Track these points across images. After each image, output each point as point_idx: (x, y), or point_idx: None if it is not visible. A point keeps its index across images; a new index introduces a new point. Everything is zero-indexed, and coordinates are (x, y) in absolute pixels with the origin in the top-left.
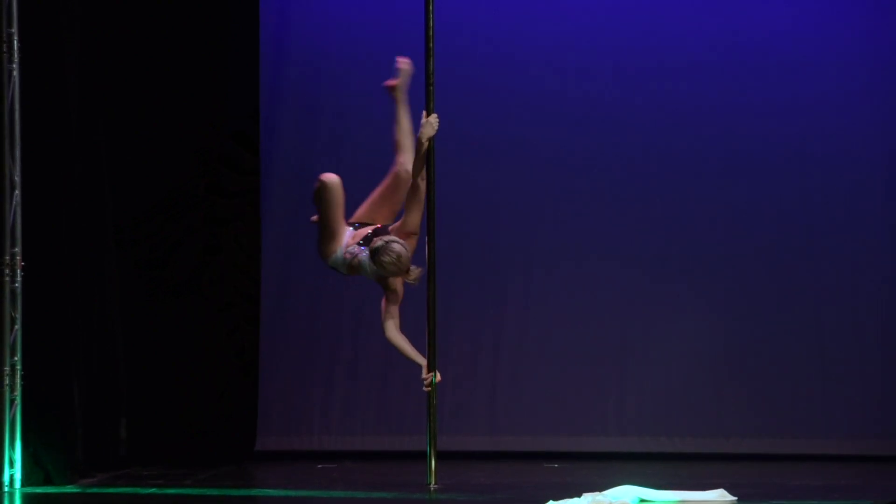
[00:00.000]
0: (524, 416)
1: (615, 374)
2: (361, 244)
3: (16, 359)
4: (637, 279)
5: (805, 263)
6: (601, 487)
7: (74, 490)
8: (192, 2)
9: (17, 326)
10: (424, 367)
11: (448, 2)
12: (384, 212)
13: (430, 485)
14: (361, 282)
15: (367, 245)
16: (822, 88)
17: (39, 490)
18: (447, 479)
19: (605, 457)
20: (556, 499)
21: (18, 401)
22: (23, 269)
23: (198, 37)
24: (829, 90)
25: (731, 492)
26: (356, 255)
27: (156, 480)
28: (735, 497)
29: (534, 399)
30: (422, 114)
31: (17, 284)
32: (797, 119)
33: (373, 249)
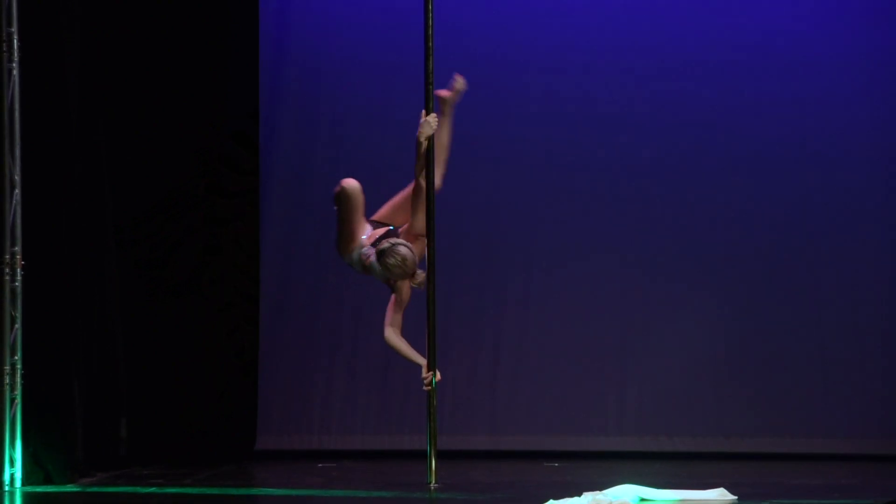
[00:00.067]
0: (524, 416)
1: (615, 374)
2: (374, 245)
3: (16, 358)
4: (637, 279)
5: (805, 263)
6: (601, 487)
7: (74, 489)
8: (192, 2)
9: (18, 326)
10: (424, 367)
11: (448, 2)
12: (403, 216)
13: (431, 484)
14: (361, 282)
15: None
16: (822, 88)
17: (39, 489)
18: (447, 479)
19: (605, 456)
20: (557, 498)
21: (19, 400)
22: (23, 269)
23: (198, 37)
24: (829, 90)
25: (732, 491)
26: (369, 257)
27: (156, 480)
28: (735, 496)
29: (534, 399)
30: (421, 113)
31: (18, 284)
32: (797, 119)
33: (378, 252)
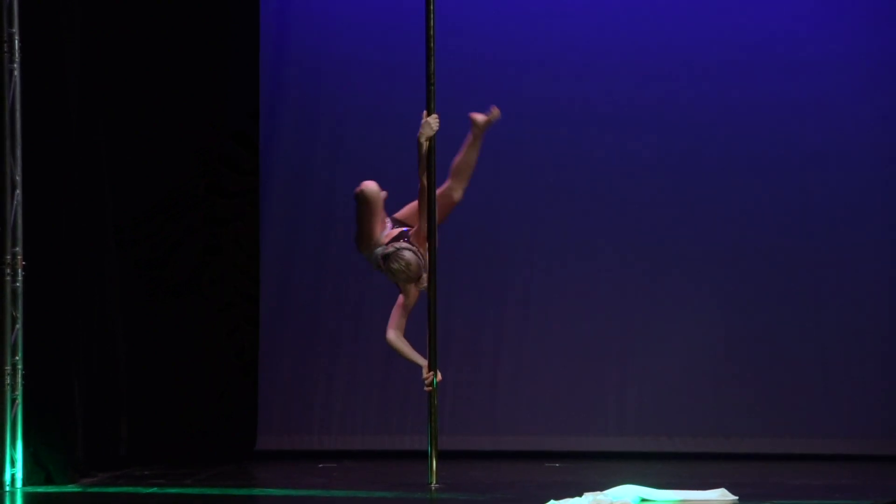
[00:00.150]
0: (524, 416)
1: (615, 374)
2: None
3: (17, 358)
4: (637, 279)
5: (805, 263)
6: (602, 487)
7: (75, 489)
8: (192, 2)
9: (19, 326)
10: (425, 367)
11: (448, 2)
12: (419, 218)
13: (431, 484)
14: (361, 282)
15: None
16: (822, 88)
17: (40, 489)
18: (448, 479)
19: (606, 456)
20: (558, 498)
21: (20, 400)
22: (24, 269)
23: (198, 37)
24: (829, 90)
25: (732, 491)
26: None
27: (156, 480)
28: (736, 496)
29: (534, 399)
30: (422, 114)
31: (19, 284)
32: (797, 119)
33: (383, 255)
